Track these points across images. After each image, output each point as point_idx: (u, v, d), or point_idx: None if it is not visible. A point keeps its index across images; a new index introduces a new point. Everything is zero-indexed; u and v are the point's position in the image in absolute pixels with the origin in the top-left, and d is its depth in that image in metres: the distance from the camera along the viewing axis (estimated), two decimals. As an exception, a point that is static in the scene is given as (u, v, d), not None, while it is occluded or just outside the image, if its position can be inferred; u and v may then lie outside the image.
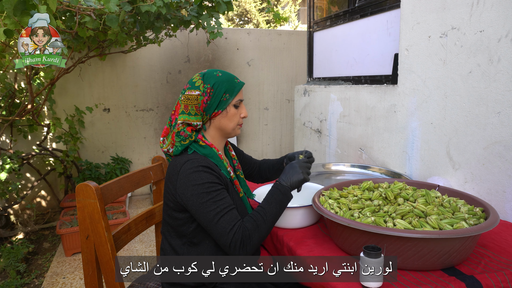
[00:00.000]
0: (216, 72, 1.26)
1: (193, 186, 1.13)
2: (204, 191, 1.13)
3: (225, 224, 1.11)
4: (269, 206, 1.18)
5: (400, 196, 1.30)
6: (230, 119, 1.27)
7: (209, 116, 1.25)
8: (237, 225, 1.11)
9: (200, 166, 1.15)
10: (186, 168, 1.16)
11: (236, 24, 12.61)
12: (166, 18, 2.74)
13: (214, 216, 1.11)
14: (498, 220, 1.08)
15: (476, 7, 1.59)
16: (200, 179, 1.14)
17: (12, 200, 3.40)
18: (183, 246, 1.23)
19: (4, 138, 3.40)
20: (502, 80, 1.50)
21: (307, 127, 3.17)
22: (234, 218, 1.13)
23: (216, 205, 1.12)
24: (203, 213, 1.12)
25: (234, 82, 1.26)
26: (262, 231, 1.14)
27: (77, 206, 1.20)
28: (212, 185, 1.14)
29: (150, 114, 4.22)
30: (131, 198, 4.25)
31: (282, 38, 4.65)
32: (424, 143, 1.92)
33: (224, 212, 1.12)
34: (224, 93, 1.23)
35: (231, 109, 1.26)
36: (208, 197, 1.12)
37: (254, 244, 1.12)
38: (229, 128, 1.28)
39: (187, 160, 1.18)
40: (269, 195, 1.22)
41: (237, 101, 1.27)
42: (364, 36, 2.57)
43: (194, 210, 1.14)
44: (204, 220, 1.13)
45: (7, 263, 2.58)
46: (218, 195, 1.14)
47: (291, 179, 1.25)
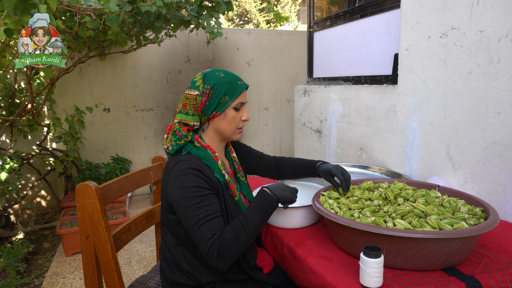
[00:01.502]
0: (218, 73, 1.22)
1: (181, 188, 1.11)
2: (190, 195, 1.10)
3: (206, 232, 1.08)
4: (252, 215, 1.14)
5: (400, 196, 1.30)
6: (229, 122, 1.23)
7: (207, 117, 1.22)
8: (216, 235, 1.08)
9: (190, 168, 1.13)
10: (176, 170, 1.14)
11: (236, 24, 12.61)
12: (166, 18, 2.74)
13: (196, 223, 1.09)
14: (498, 220, 1.08)
15: (476, 7, 1.59)
16: (188, 182, 1.11)
17: (12, 200, 3.40)
18: (178, 247, 1.22)
19: (4, 138, 3.40)
20: (502, 80, 1.50)
21: (307, 127, 3.17)
22: (215, 227, 1.09)
23: (200, 211, 1.09)
24: (186, 217, 1.11)
25: (235, 84, 1.22)
26: (242, 241, 1.10)
27: (77, 206, 1.20)
28: (198, 190, 1.11)
29: (150, 114, 4.22)
30: (131, 198, 4.25)
31: (282, 38, 4.65)
32: (424, 143, 1.92)
33: (206, 219, 1.09)
34: (223, 95, 1.20)
35: (230, 111, 1.22)
36: (192, 202, 1.10)
37: (233, 255, 1.08)
38: (228, 131, 1.25)
39: (178, 161, 1.17)
40: (253, 203, 1.17)
41: (238, 104, 1.23)
42: (364, 36, 2.57)
43: (179, 212, 1.13)
44: (187, 225, 1.11)
45: (7, 263, 2.58)
46: (203, 201, 1.11)
47: (282, 192, 1.21)
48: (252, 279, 1.27)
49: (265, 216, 1.16)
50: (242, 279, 1.25)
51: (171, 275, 1.24)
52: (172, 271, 1.24)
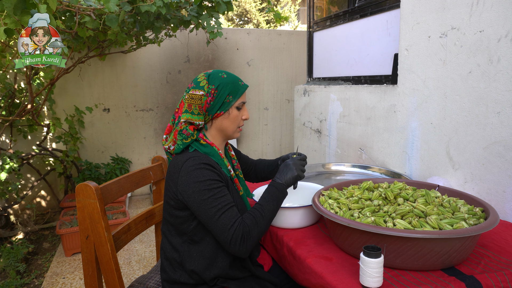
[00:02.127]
0: (221, 74, 1.27)
1: (195, 183, 1.14)
2: (206, 188, 1.14)
3: (226, 220, 1.13)
4: (267, 203, 1.21)
5: (400, 196, 1.30)
6: (231, 120, 1.28)
7: (211, 116, 1.26)
8: (238, 222, 1.13)
9: (202, 163, 1.17)
10: (188, 166, 1.17)
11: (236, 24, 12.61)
12: (166, 18, 2.74)
13: (216, 213, 1.13)
14: (498, 220, 1.08)
15: (476, 7, 1.59)
16: (202, 176, 1.15)
17: (12, 200, 3.40)
18: (184, 244, 1.24)
19: (4, 138, 3.40)
20: (502, 80, 1.50)
21: (307, 127, 3.18)
22: (234, 215, 1.15)
23: (218, 202, 1.14)
24: (204, 209, 1.14)
25: (238, 84, 1.27)
26: (261, 226, 1.17)
27: (77, 206, 1.20)
28: (213, 182, 1.16)
29: (150, 114, 4.22)
30: (131, 198, 4.25)
31: (282, 38, 4.65)
32: (424, 143, 1.92)
33: (225, 209, 1.14)
34: (228, 94, 1.25)
35: (233, 111, 1.27)
36: (209, 194, 1.14)
37: (253, 240, 1.15)
38: (230, 129, 1.30)
39: (188, 158, 1.19)
40: (265, 193, 1.25)
41: (240, 103, 1.29)
42: (364, 36, 2.57)
43: (196, 207, 1.15)
44: (205, 217, 1.15)
45: (7, 263, 2.58)
46: (219, 192, 1.15)
47: (286, 176, 1.29)
48: (254, 276, 1.29)
49: (278, 203, 1.24)
50: (244, 276, 1.27)
51: (173, 274, 1.24)
52: (174, 270, 1.25)
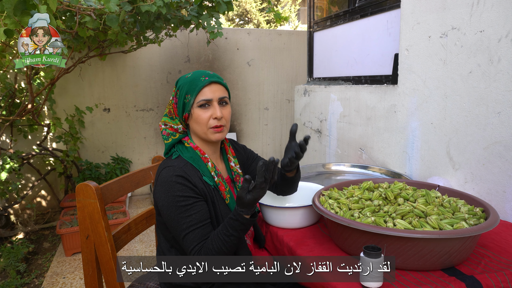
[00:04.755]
0: (188, 74, 1.22)
1: (166, 196, 1.13)
2: (174, 205, 1.12)
3: (188, 243, 1.12)
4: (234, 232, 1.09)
5: (400, 196, 1.30)
6: (196, 122, 1.19)
7: (182, 120, 1.22)
8: (198, 247, 1.11)
9: (175, 175, 1.13)
10: (163, 176, 1.15)
11: (236, 24, 12.61)
12: (166, 18, 2.74)
13: (180, 232, 1.12)
14: (498, 220, 1.07)
15: (476, 7, 1.59)
16: (172, 190, 1.12)
17: (12, 200, 3.40)
18: (171, 249, 1.24)
19: (4, 138, 3.40)
20: (502, 80, 1.50)
21: (307, 127, 3.17)
22: (197, 238, 1.11)
23: (183, 221, 1.11)
24: (171, 226, 1.15)
25: (196, 81, 1.17)
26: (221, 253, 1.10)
27: (77, 206, 1.20)
28: (182, 199, 1.11)
29: (150, 114, 4.22)
30: (131, 198, 4.25)
31: (282, 38, 4.65)
32: (424, 143, 1.92)
33: (189, 230, 1.11)
34: (186, 94, 1.18)
35: (195, 111, 1.18)
36: (176, 212, 1.12)
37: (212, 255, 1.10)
38: (200, 131, 1.20)
39: (166, 166, 1.17)
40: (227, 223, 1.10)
41: (201, 101, 1.16)
42: (364, 36, 2.56)
43: (165, 220, 1.16)
44: (172, 232, 1.16)
45: (7, 263, 2.58)
46: (186, 211, 1.11)
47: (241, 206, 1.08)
48: None
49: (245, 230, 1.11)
50: None
51: (170, 275, 1.23)
52: (170, 271, 1.24)
